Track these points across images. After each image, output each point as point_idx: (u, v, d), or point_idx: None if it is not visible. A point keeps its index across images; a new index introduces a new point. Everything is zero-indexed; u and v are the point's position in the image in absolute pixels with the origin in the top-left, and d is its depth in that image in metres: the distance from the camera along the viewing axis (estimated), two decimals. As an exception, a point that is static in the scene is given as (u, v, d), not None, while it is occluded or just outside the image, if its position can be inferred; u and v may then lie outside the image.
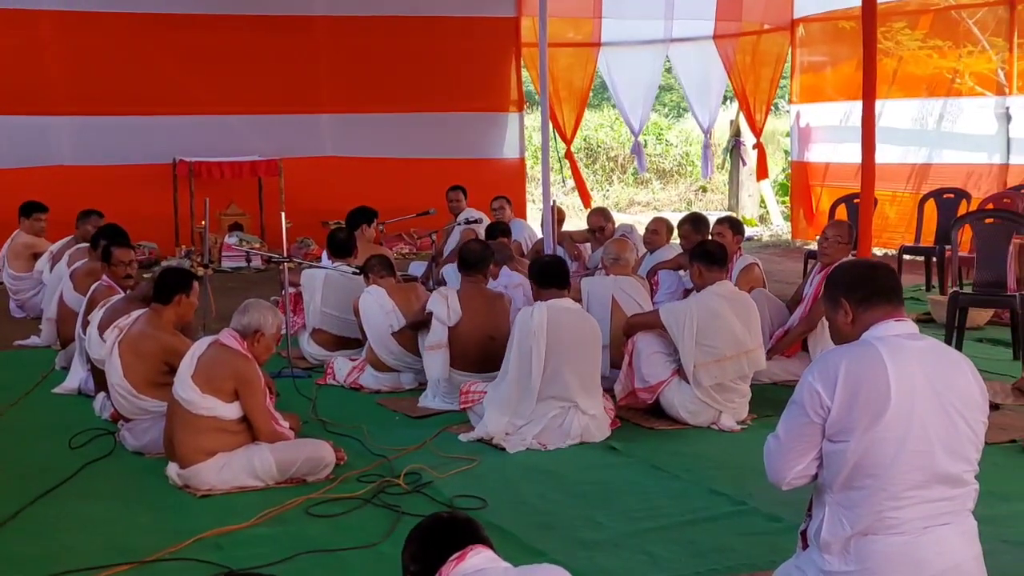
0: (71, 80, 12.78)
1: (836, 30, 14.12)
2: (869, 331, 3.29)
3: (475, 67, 14.42)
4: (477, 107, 14.52)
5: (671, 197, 21.62)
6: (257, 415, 5.15)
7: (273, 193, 12.90)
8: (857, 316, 3.34)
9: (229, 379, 5.07)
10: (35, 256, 9.74)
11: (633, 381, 6.21)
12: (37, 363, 7.76)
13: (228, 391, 5.07)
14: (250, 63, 13.36)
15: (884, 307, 3.31)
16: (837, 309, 3.39)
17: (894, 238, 12.75)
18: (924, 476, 3.17)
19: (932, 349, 3.29)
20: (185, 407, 5.05)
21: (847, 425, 3.18)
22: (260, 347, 5.22)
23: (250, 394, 5.11)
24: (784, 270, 12.45)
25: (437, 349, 6.56)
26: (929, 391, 3.19)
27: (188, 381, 5.05)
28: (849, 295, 3.36)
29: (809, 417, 3.24)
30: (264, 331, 5.21)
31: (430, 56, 13.97)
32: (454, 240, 10.39)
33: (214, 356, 5.12)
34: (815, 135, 14.73)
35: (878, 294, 3.33)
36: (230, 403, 5.09)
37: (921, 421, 3.17)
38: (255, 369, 5.17)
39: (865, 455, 3.16)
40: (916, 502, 3.18)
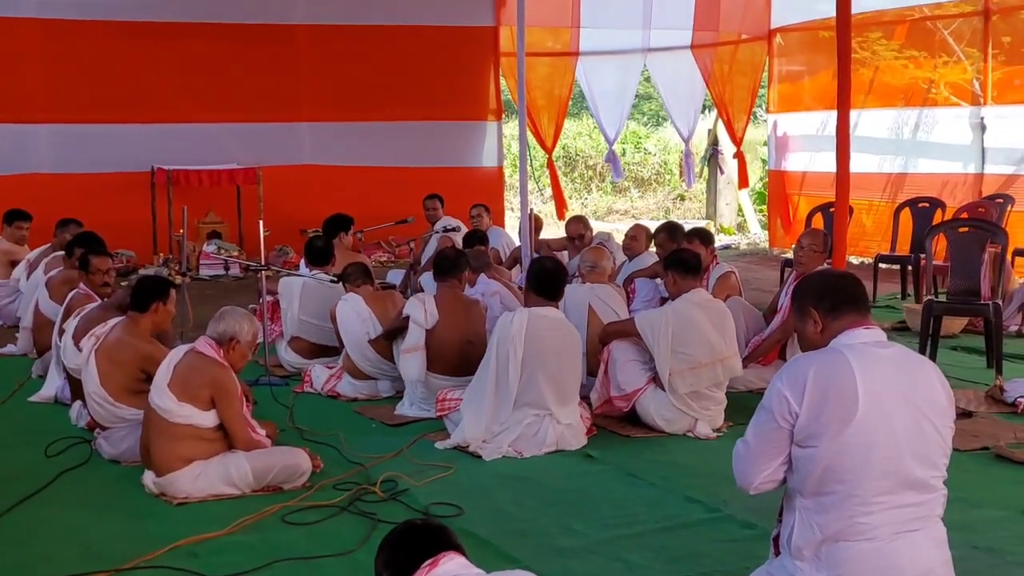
0: (50, 88, 12.74)
1: (813, 40, 14.22)
2: (837, 338, 3.34)
3: (454, 76, 14.44)
4: (455, 116, 14.55)
5: (649, 205, 21.70)
6: (234, 423, 5.15)
7: (252, 201, 12.91)
8: (826, 325, 3.38)
9: (206, 387, 5.07)
10: (13, 263, 9.71)
11: (609, 389, 6.24)
12: (13, 371, 7.73)
13: (204, 399, 5.08)
14: (229, 71, 13.35)
15: (852, 315, 3.36)
16: (806, 319, 3.44)
17: (870, 247, 12.85)
18: (893, 482, 3.22)
19: (900, 356, 3.34)
20: (161, 415, 5.04)
21: (815, 431, 3.22)
22: (236, 354, 5.23)
23: (227, 402, 5.12)
24: (761, 278, 12.52)
25: (414, 352, 6.56)
26: (897, 397, 3.24)
27: (164, 389, 5.06)
28: (818, 304, 3.40)
29: (777, 423, 3.28)
30: (239, 338, 5.22)
31: (409, 65, 14.00)
32: (431, 248, 10.40)
33: (190, 364, 5.13)
34: (792, 144, 14.83)
35: (846, 303, 3.38)
36: (207, 411, 5.09)
37: (889, 427, 3.21)
38: (231, 377, 5.18)
39: (834, 461, 3.21)
40: (886, 508, 3.22)
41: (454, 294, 6.79)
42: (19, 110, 12.57)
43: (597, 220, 19.94)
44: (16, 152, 12.60)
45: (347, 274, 7.50)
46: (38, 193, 12.04)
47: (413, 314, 6.57)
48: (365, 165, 13.97)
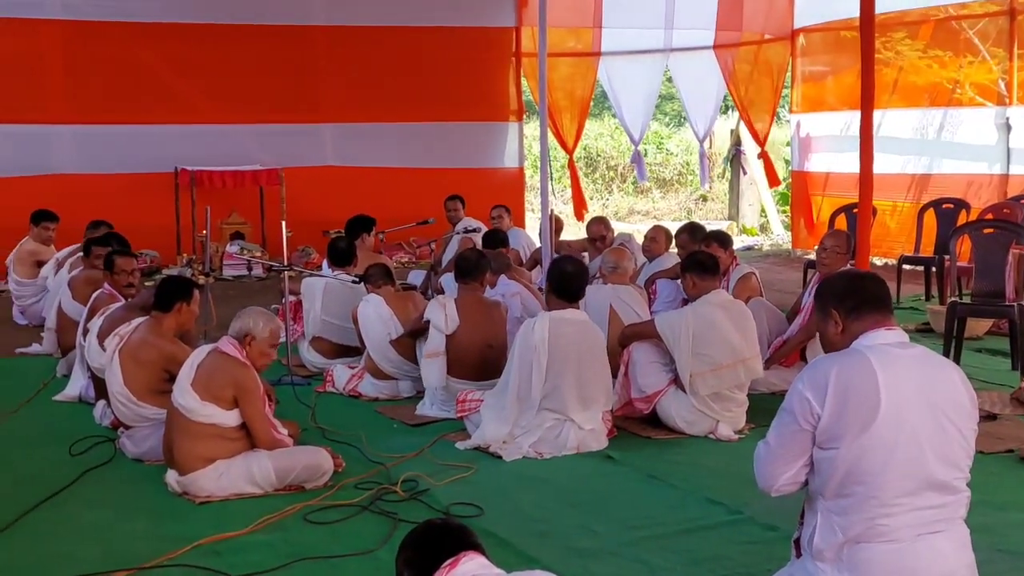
0: (73, 89, 12.83)
1: (837, 40, 14.15)
2: (859, 339, 3.33)
3: (475, 77, 14.46)
4: (477, 117, 14.56)
5: (671, 206, 21.64)
6: (256, 422, 5.18)
7: (274, 202, 12.96)
8: (847, 326, 3.37)
9: (228, 387, 5.10)
10: (38, 264, 9.79)
11: (629, 391, 6.24)
12: (38, 371, 7.79)
13: (227, 399, 5.11)
14: (252, 73, 13.41)
15: (874, 316, 3.35)
16: (827, 320, 3.43)
17: (894, 248, 12.78)
18: (915, 483, 3.20)
19: (922, 357, 3.32)
20: (184, 414, 5.08)
21: (837, 432, 3.21)
22: (254, 351, 5.24)
23: (249, 402, 5.15)
24: (784, 279, 12.48)
25: (434, 357, 6.59)
26: (919, 399, 3.22)
27: (187, 388, 5.09)
28: (839, 305, 3.39)
29: (799, 424, 3.27)
30: (255, 334, 5.24)
31: (430, 66, 14.02)
32: (452, 249, 10.42)
33: (213, 364, 5.16)
34: (815, 145, 14.77)
35: (867, 303, 3.36)
36: (229, 410, 5.12)
37: (911, 428, 3.20)
38: (254, 376, 5.20)
39: (856, 462, 3.20)
40: (907, 509, 3.21)
41: (475, 296, 6.80)
42: (43, 111, 12.66)
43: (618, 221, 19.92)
44: (40, 153, 12.70)
45: (369, 275, 7.53)
46: (62, 194, 12.09)
47: (433, 319, 6.59)
48: (386, 166, 14.01)
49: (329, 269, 8.25)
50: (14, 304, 9.92)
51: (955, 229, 8.94)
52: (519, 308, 7.16)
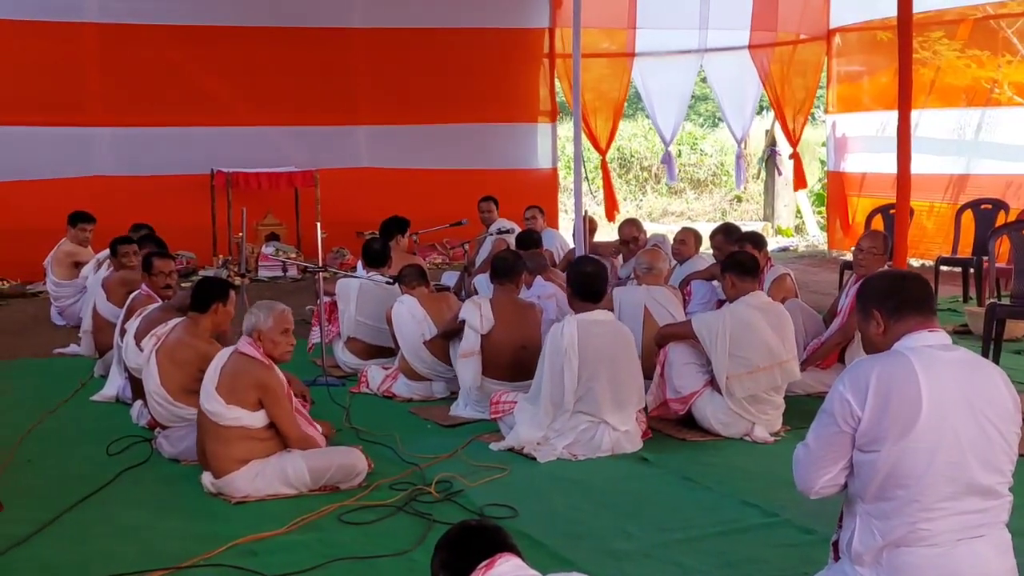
0: (111, 91, 12.92)
1: (873, 40, 14.04)
2: (901, 341, 3.29)
3: (509, 78, 14.49)
4: (510, 118, 14.58)
5: (705, 207, 21.54)
6: (283, 421, 5.18)
7: (309, 203, 13.01)
8: (889, 327, 3.33)
9: (251, 388, 5.11)
10: (76, 265, 9.87)
11: (665, 392, 6.21)
12: (76, 371, 7.87)
13: (252, 400, 5.11)
14: (287, 75, 13.47)
15: (916, 317, 3.31)
16: (869, 320, 3.39)
17: (931, 249, 12.65)
18: (957, 487, 3.17)
19: (964, 360, 3.28)
20: (213, 419, 5.09)
21: (878, 435, 3.18)
22: (267, 344, 5.23)
23: (273, 401, 5.15)
24: (820, 281, 12.39)
25: (469, 356, 6.59)
26: (961, 402, 3.18)
27: (213, 393, 5.10)
28: (881, 305, 3.35)
29: (839, 426, 3.24)
30: (261, 328, 5.23)
31: (465, 67, 14.05)
32: (486, 250, 10.44)
33: (235, 366, 5.16)
34: (851, 145, 14.65)
35: (909, 304, 3.32)
36: (256, 412, 5.12)
37: (953, 432, 3.16)
38: (275, 375, 5.20)
39: (896, 465, 3.16)
40: (949, 514, 3.17)
41: (510, 297, 6.79)
42: (81, 113, 12.76)
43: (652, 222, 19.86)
44: (78, 155, 12.79)
45: (403, 276, 7.53)
46: (99, 195, 12.22)
47: (469, 318, 6.58)
48: (421, 168, 14.04)
49: (363, 270, 8.26)
50: (52, 305, 10.00)
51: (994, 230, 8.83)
52: (554, 310, 7.14)
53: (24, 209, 11.97)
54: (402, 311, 7.23)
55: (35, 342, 9.11)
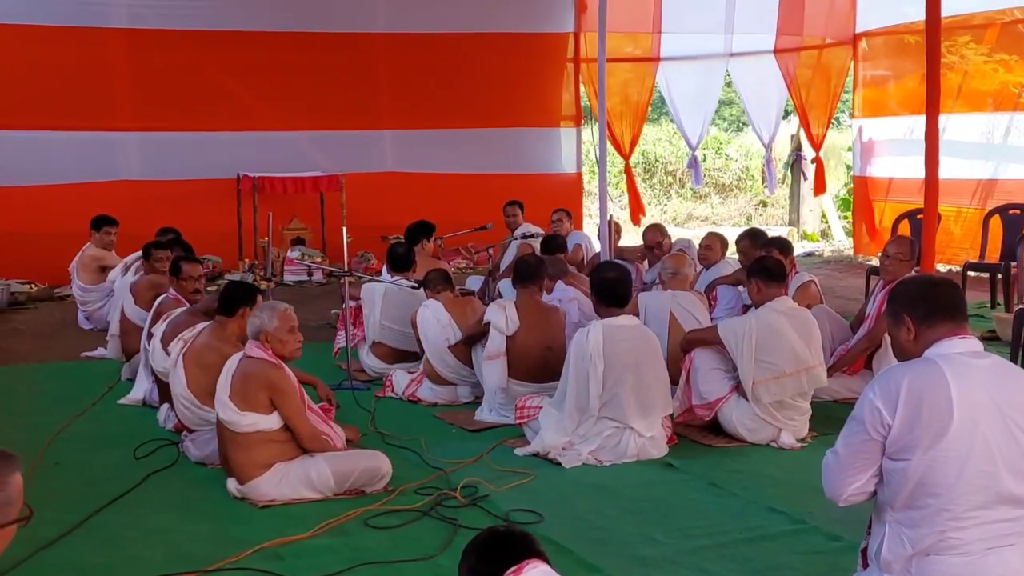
0: (138, 96, 12.97)
1: (900, 44, 13.95)
2: (931, 348, 3.27)
3: (534, 82, 14.48)
4: (535, 122, 14.60)
5: (730, 212, 21.45)
6: (294, 419, 5.17)
7: (335, 208, 13.03)
8: (919, 333, 3.31)
9: (262, 390, 5.11)
10: (102, 269, 9.93)
11: (691, 397, 6.19)
12: (103, 374, 7.91)
13: (264, 403, 5.11)
14: (313, 80, 13.49)
15: (947, 324, 3.28)
16: (899, 325, 3.36)
17: (958, 254, 12.55)
18: (987, 496, 3.14)
19: (996, 367, 3.25)
20: (229, 428, 5.10)
21: (908, 443, 3.15)
22: (275, 345, 5.23)
23: (284, 401, 5.14)
24: (846, 286, 12.32)
25: (495, 359, 6.59)
26: (993, 410, 3.15)
27: (226, 401, 5.10)
28: (911, 311, 3.33)
29: (869, 434, 3.22)
30: (267, 329, 5.23)
31: (490, 72, 14.04)
32: (511, 255, 10.43)
33: (244, 370, 5.16)
34: (878, 149, 14.56)
35: (941, 311, 3.30)
36: (270, 414, 5.12)
37: (984, 440, 3.13)
38: (285, 374, 5.20)
39: (927, 474, 3.14)
40: (979, 522, 3.15)
41: (533, 301, 6.80)
42: (108, 118, 12.81)
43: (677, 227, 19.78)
44: (105, 159, 12.86)
45: (428, 280, 7.55)
46: (126, 200, 12.27)
47: (494, 320, 6.59)
48: (446, 172, 14.04)
49: (388, 275, 8.27)
50: (79, 309, 10.06)
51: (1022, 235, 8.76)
52: (576, 313, 7.13)
53: (52, 213, 12.05)
54: (427, 315, 7.24)
55: (62, 345, 9.17)
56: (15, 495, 2.41)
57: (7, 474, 2.40)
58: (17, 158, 12.31)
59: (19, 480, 2.43)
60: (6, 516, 2.37)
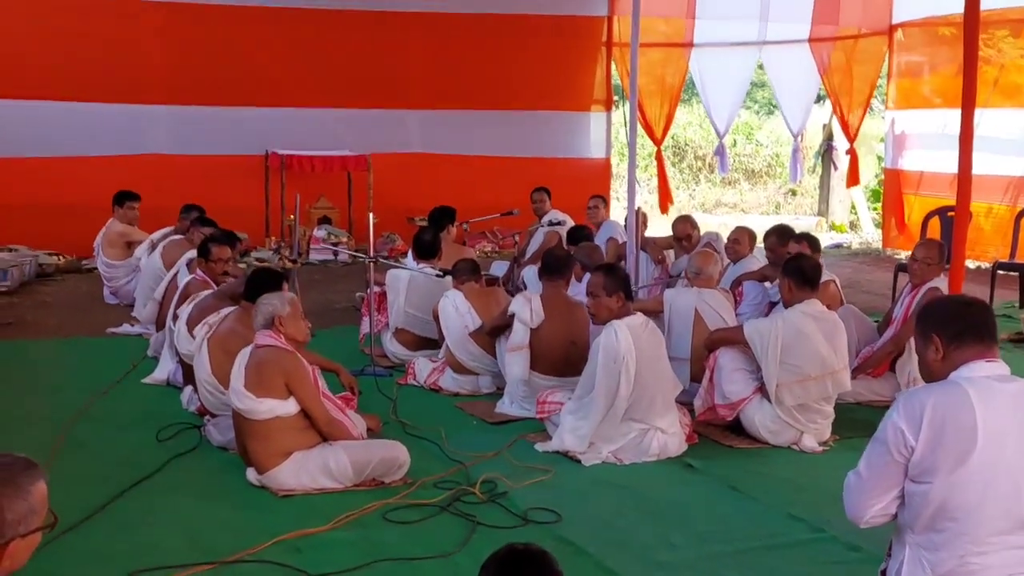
0: (170, 70, 13.01)
1: (936, 36, 13.78)
2: (958, 371, 3.23)
3: (564, 66, 14.41)
4: (564, 106, 14.55)
5: (759, 199, 21.29)
6: (310, 404, 5.19)
7: (362, 188, 13.06)
8: (948, 353, 3.27)
9: (278, 375, 5.13)
10: (128, 244, 9.97)
11: (713, 397, 6.16)
12: (128, 351, 7.95)
13: (280, 388, 5.12)
14: (342, 58, 13.52)
15: (976, 346, 3.25)
16: (928, 345, 3.33)
17: (988, 251, 12.45)
18: (1010, 522, 3.12)
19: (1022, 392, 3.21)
20: (248, 417, 5.12)
21: (931, 466, 3.13)
22: (290, 329, 5.26)
23: (298, 385, 5.16)
24: (873, 280, 12.24)
25: (519, 351, 6.59)
26: (1018, 435, 3.13)
27: (242, 391, 5.12)
28: (941, 332, 3.29)
29: (892, 456, 3.19)
30: (280, 314, 5.25)
31: (520, 54, 14.00)
32: (537, 242, 10.41)
33: (257, 359, 5.19)
34: (910, 142, 14.42)
35: (970, 332, 3.26)
36: (287, 399, 5.14)
37: (1008, 466, 3.11)
38: (299, 360, 5.23)
39: (949, 498, 3.11)
40: (1000, 548, 3.12)
41: (559, 294, 6.78)
42: (139, 91, 12.84)
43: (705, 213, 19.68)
44: (135, 132, 12.93)
45: (456, 269, 7.55)
46: (155, 173, 12.38)
47: (519, 312, 6.58)
48: (473, 154, 14.03)
49: (414, 261, 8.26)
50: (105, 285, 10.10)
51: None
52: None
53: (80, 185, 12.15)
54: (447, 305, 7.26)
55: (89, 320, 9.23)
56: (38, 504, 2.42)
57: (30, 482, 2.41)
58: (47, 129, 12.42)
59: (43, 488, 2.44)
60: (29, 525, 2.38)
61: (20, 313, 9.42)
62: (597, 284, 5.81)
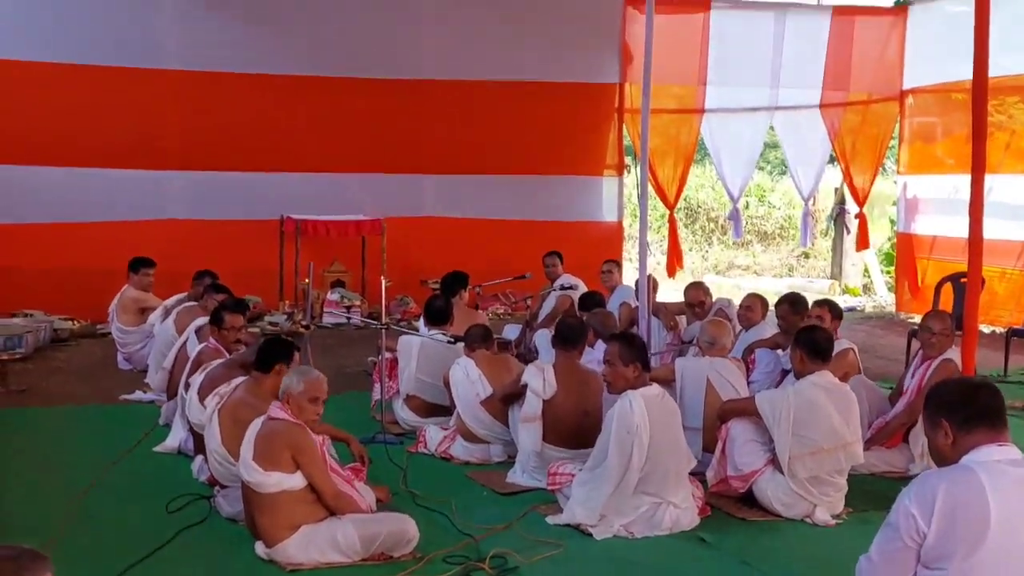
0: (187, 136, 13.09)
1: (947, 101, 13.85)
2: (969, 455, 3.22)
3: (577, 131, 14.47)
4: (577, 170, 14.57)
5: (772, 261, 21.30)
6: (316, 478, 5.16)
7: (375, 251, 13.10)
8: (958, 439, 3.26)
9: (284, 449, 5.11)
10: (143, 311, 10.00)
11: (726, 468, 6.10)
12: (140, 419, 7.94)
13: (287, 461, 5.10)
14: (358, 124, 13.62)
15: (986, 431, 3.24)
16: (937, 429, 3.32)
17: (1002, 316, 12.40)
18: (1024, 609, 3.07)
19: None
20: (256, 490, 5.10)
21: (944, 552, 3.10)
22: (293, 408, 5.24)
23: (306, 461, 5.14)
24: (887, 345, 12.19)
25: (531, 421, 6.55)
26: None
27: (251, 463, 5.11)
28: (950, 416, 3.28)
29: (904, 541, 3.16)
30: (291, 391, 5.25)
31: (533, 119, 14.07)
32: (549, 305, 10.42)
33: (267, 431, 5.18)
34: (923, 206, 14.44)
35: (980, 417, 3.25)
36: (294, 473, 5.11)
37: (1021, 551, 3.07)
38: (307, 435, 5.20)
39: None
40: (1015, 633, 3.07)
41: (573, 364, 6.75)
42: (155, 157, 12.92)
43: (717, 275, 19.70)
44: (152, 198, 13.01)
45: (468, 336, 7.52)
46: (171, 238, 12.46)
47: (531, 383, 6.55)
48: (486, 217, 14.09)
49: (425, 327, 8.27)
50: (119, 351, 10.12)
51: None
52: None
53: (96, 250, 12.20)
54: (458, 372, 7.26)
55: (102, 386, 9.24)
56: (45, 597, 2.40)
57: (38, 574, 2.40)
58: (63, 194, 12.52)
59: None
60: (36, 618, 2.36)
61: (34, 380, 9.43)
62: (614, 353, 5.78)
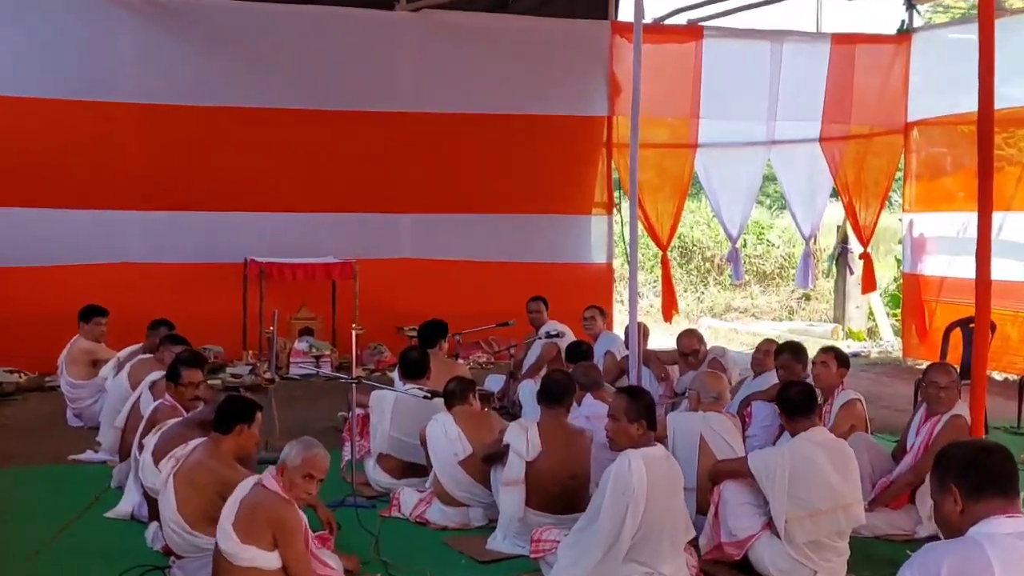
0: (144, 174, 12.96)
1: (954, 134, 13.95)
2: (977, 526, 3.22)
3: (563, 167, 14.43)
4: (564, 209, 14.54)
5: (771, 304, 21.34)
6: (293, 562, 5.11)
7: (347, 295, 13.00)
8: (967, 506, 3.26)
9: (267, 525, 5.07)
10: (94, 363, 9.91)
11: (720, 534, 6.08)
12: (91, 480, 7.87)
13: (267, 539, 5.07)
14: (327, 160, 13.58)
15: (997, 500, 3.24)
16: (945, 495, 3.32)
17: (1015, 362, 12.44)
18: None
19: (1045, 550, 3.18)
20: (227, 559, 5.06)
21: (949, 630, 3.08)
22: (285, 481, 5.21)
23: (287, 542, 5.10)
24: (894, 394, 12.20)
25: (514, 485, 6.49)
26: (1042, 599, 3.09)
27: (229, 530, 5.07)
28: (960, 482, 3.28)
29: (906, 618, 3.15)
30: (287, 463, 5.22)
31: (516, 155, 14.07)
32: (534, 354, 10.39)
33: (255, 499, 5.14)
34: (929, 246, 14.49)
35: (991, 484, 3.26)
36: (271, 552, 5.07)
37: (1030, 633, 3.07)
38: (293, 512, 5.17)
39: (969, 663, 3.06)
40: None
41: (559, 423, 6.70)
42: (110, 196, 12.80)
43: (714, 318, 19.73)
44: (108, 240, 12.84)
45: (447, 392, 7.45)
46: (126, 283, 12.36)
47: (514, 443, 6.51)
48: (467, 259, 14.03)
49: (400, 381, 8.22)
50: (68, 406, 10.01)
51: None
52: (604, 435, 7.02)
53: (46, 296, 12.03)
54: (435, 429, 7.20)
55: (51, 444, 9.10)
56: None
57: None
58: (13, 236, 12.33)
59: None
60: None
61: (-24, 438, 9.35)
62: (619, 408, 5.75)
